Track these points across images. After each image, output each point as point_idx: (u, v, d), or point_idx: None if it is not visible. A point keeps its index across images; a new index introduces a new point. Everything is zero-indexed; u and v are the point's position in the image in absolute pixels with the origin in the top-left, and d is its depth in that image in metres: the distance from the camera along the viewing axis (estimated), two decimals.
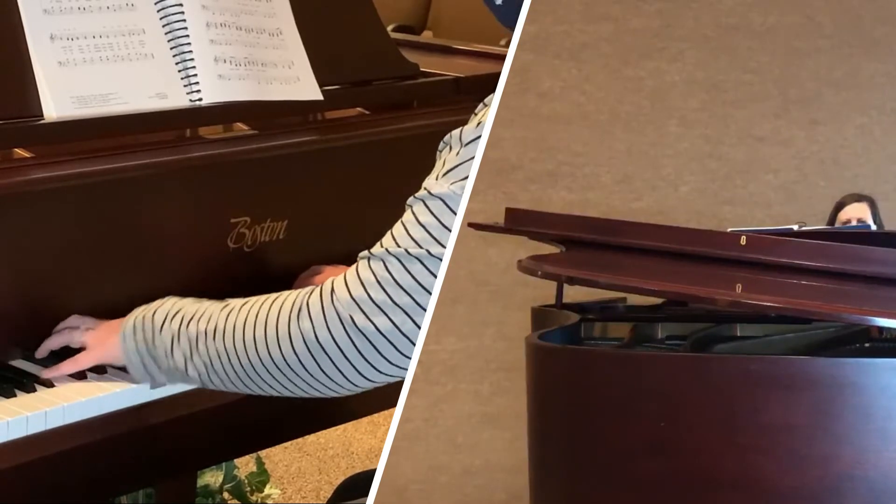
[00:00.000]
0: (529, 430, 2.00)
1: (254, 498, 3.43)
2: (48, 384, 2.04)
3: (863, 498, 1.70)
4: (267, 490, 3.46)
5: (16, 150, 2.13)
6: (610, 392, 1.84)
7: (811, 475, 1.71)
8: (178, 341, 1.96)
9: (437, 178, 1.92)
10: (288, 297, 1.92)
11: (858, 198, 2.82)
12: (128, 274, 2.20)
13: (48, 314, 2.13)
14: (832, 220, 2.80)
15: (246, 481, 3.42)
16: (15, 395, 2.01)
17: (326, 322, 1.88)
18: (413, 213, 1.91)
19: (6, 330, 2.09)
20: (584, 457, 1.87)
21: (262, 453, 3.56)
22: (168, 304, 2.01)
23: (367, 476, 1.98)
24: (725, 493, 1.75)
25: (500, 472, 2.98)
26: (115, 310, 2.19)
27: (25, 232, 2.07)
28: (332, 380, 1.91)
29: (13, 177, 2.07)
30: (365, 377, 1.91)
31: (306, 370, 1.91)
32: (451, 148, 1.94)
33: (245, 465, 3.50)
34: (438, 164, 1.94)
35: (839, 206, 2.81)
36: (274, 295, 1.96)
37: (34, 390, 2.03)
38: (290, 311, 1.90)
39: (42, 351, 2.10)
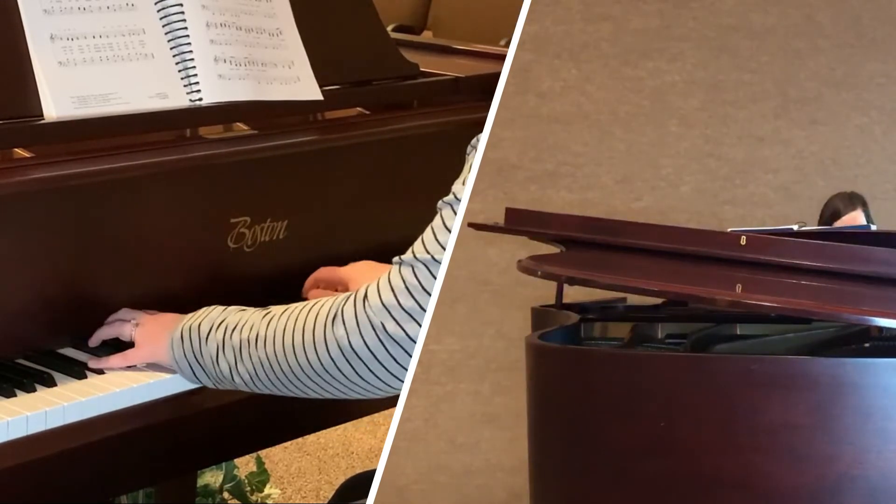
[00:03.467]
0: (529, 429, 2.00)
1: (254, 498, 3.43)
2: (50, 383, 2.04)
3: (863, 498, 1.70)
4: (267, 490, 3.46)
5: (16, 150, 2.13)
6: (610, 392, 1.84)
7: (811, 475, 1.71)
8: (224, 351, 2.02)
9: (463, 182, 1.95)
10: (325, 304, 1.97)
11: (850, 201, 2.81)
12: (128, 274, 2.20)
13: (48, 314, 2.13)
14: (826, 225, 2.80)
15: (246, 481, 3.42)
16: (15, 395, 2.01)
17: (359, 328, 1.92)
18: (441, 218, 1.94)
19: (6, 329, 2.09)
20: (583, 457, 1.87)
21: (262, 453, 3.56)
22: (214, 314, 2.06)
23: (369, 476, 1.99)
24: (725, 493, 1.75)
25: (500, 472, 2.98)
26: (116, 310, 2.19)
27: (25, 232, 2.07)
28: (369, 383, 1.96)
29: (13, 177, 2.07)
30: (399, 379, 1.95)
31: (343, 374, 1.95)
32: (477, 151, 1.97)
33: (245, 465, 3.50)
34: (466, 167, 1.96)
35: (834, 213, 2.80)
36: (312, 301, 2.00)
37: (34, 390, 2.03)
38: (326, 318, 1.95)
39: (94, 340, 2.15)
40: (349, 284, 2.33)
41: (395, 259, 1.96)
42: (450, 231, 1.93)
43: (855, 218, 2.78)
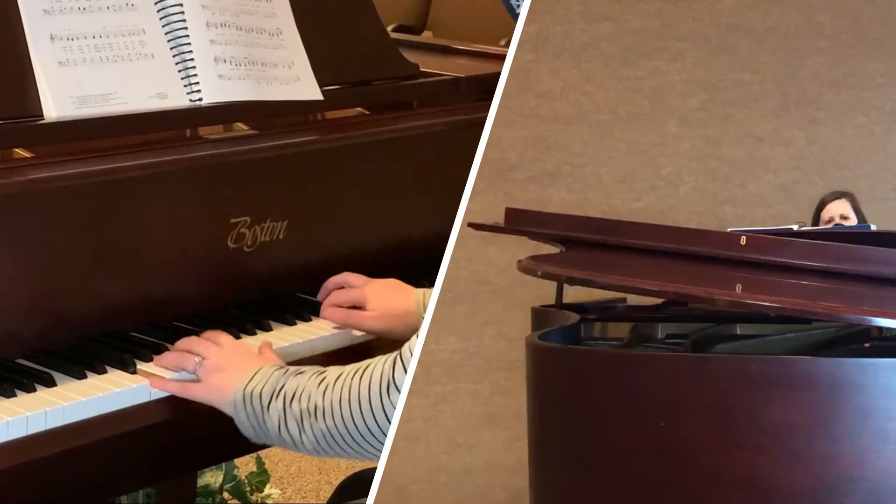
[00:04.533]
0: (529, 429, 2.00)
1: (254, 498, 3.43)
2: (50, 383, 2.05)
3: (862, 498, 1.70)
4: (267, 490, 3.46)
5: (16, 150, 2.12)
6: (610, 392, 1.84)
7: (811, 475, 1.71)
8: (286, 421, 2.02)
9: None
10: (374, 370, 1.98)
11: (838, 194, 2.82)
12: (128, 274, 2.20)
13: (48, 314, 2.13)
14: (816, 219, 2.81)
15: (246, 481, 3.42)
16: (15, 395, 2.01)
17: None
18: None
19: (6, 329, 2.09)
20: (583, 456, 1.87)
21: (262, 453, 3.56)
22: (273, 378, 2.04)
23: (369, 474, 1.99)
24: (725, 492, 1.75)
25: (500, 472, 2.98)
26: (115, 310, 2.19)
27: (25, 232, 2.07)
28: None
29: (13, 177, 2.07)
30: None
31: None
32: None
33: (245, 465, 3.50)
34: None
35: (821, 205, 2.81)
36: (362, 366, 2.00)
37: (34, 390, 2.03)
38: (380, 387, 1.96)
39: (160, 365, 2.11)
40: (367, 305, 2.31)
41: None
42: None
43: (840, 206, 2.78)
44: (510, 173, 3.33)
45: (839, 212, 2.78)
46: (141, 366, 2.10)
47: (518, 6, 2.04)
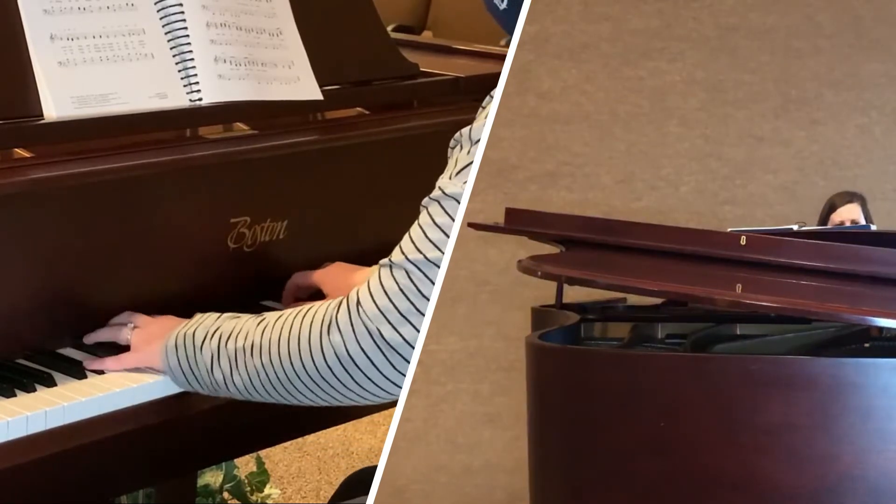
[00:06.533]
0: (529, 429, 2.00)
1: (254, 498, 3.43)
2: (50, 383, 2.04)
3: (863, 498, 1.70)
4: (267, 490, 3.46)
5: (16, 150, 2.13)
6: (610, 392, 1.84)
7: (811, 475, 1.71)
8: (219, 359, 2.01)
9: (450, 178, 1.93)
10: (318, 311, 1.96)
11: (849, 198, 2.82)
12: (128, 274, 2.20)
13: (48, 314, 2.13)
14: (824, 221, 2.80)
15: (246, 481, 3.42)
16: (15, 395, 2.01)
17: (355, 335, 1.91)
18: (429, 215, 1.92)
19: (6, 329, 2.09)
20: (583, 457, 1.87)
21: (262, 453, 3.56)
22: (208, 321, 2.05)
23: (373, 472, 1.99)
24: (725, 493, 1.75)
25: (500, 472, 2.98)
26: (115, 310, 2.19)
27: (25, 232, 2.07)
28: (366, 389, 1.95)
29: (13, 177, 2.07)
30: (397, 385, 1.94)
31: (339, 381, 1.94)
32: (461, 147, 1.95)
33: (245, 465, 3.50)
34: (451, 163, 1.95)
35: (831, 207, 2.81)
36: (305, 307, 1.99)
37: (34, 390, 2.03)
38: (321, 326, 1.94)
39: (90, 339, 2.16)
40: (322, 288, 2.33)
41: (384, 261, 1.93)
42: (440, 228, 1.91)
43: (851, 211, 2.78)
44: (510, 173, 3.33)
45: (850, 217, 2.77)
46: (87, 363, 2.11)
47: (502, 2, 2.03)
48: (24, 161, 2.11)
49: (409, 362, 1.92)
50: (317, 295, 2.35)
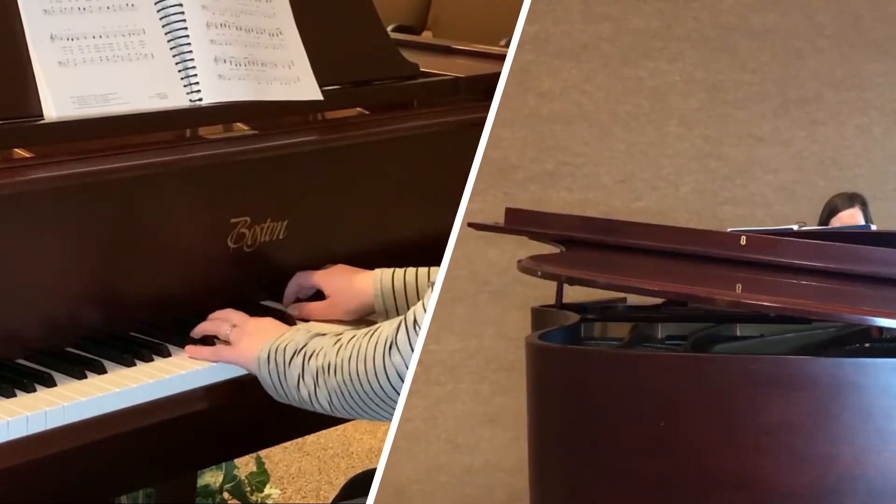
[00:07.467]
0: (529, 429, 2.00)
1: (254, 498, 3.43)
2: (50, 383, 2.05)
3: (863, 498, 1.70)
4: (267, 490, 3.46)
5: (16, 150, 2.12)
6: (610, 392, 1.84)
7: (811, 475, 1.71)
8: (304, 377, 2.08)
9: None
10: (383, 331, 2.03)
11: (850, 200, 2.82)
12: (128, 274, 2.20)
13: (48, 314, 2.13)
14: (825, 223, 2.80)
15: (246, 481, 3.42)
16: (15, 395, 2.01)
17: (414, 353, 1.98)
18: None
19: (6, 329, 2.09)
20: (583, 457, 1.87)
21: (262, 453, 3.56)
22: (299, 336, 2.11)
23: (374, 473, 2.02)
24: (725, 493, 1.75)
25: (500, 472, 2.98)
26: (115, 310, 2.19)
27: (25, 232, 2.07)
28: None
29: (13, 177, 2.07)
30: None
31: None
32: None
33: (245, 465, 3.50)
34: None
35: (832, 210, 2.81)
36: (373, 328, 2.06)
37: (34, 390, 2.03)
38: (384, 347, 2.01)
39: (196, 332, 2.21)
40: (323, 289, 2.35)
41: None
42: None
43: (853, 215, 2.78)
44: (510, 173, 3.33)
45: (851, 222, 2.78)
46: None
47: None
48: (24, 161, 2.11)
49: None
50: (318, 296, 2.36)
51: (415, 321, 1.98)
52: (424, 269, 2.30)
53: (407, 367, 1.98)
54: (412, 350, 1.98)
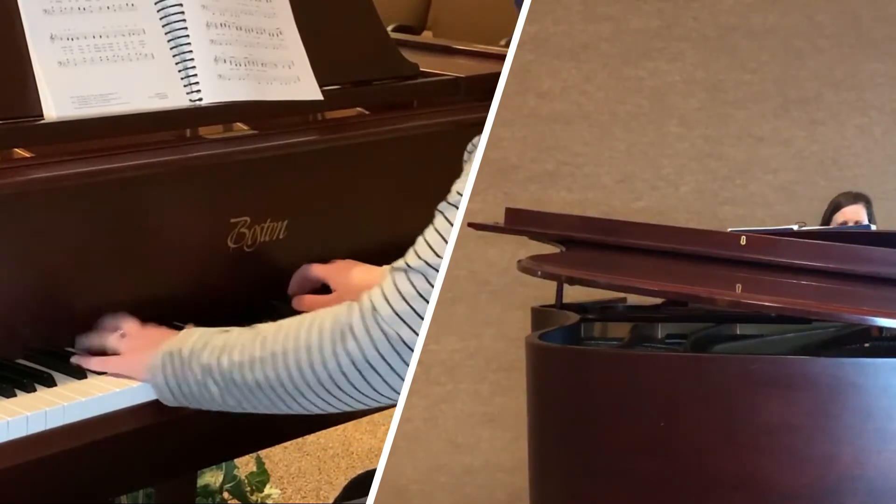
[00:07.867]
0: (529, 429, 2.00)
1: (254, 498, 3.43)
2: (50, 383, 2.05)
3: (863, 498, 1.70)
4: (267, 490, 3.46)
5: (16, 150, 2.13)
6: (610, 392, 1.84)
7: (811, 475, 1.71)
8: (212, 375, 2.00)
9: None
10: (325, 320, 1.95)
11: (854, 198, 2.82)
12: (127, 274, 2.20)
13: (47, 314, 2.13)
14: (828, 220, 2.80)
15: (246, 481, 3.42)
16: (15, 395, 2.01)
17: (373, 341, 1.91)
18: (446, 219, 1.93)
19: (6, 329, 2.09)
20: (583, 457, 1.87)
21: (262, 453, 3.56)
22: (194, 338, 2.04)
23: (374, 474, 2.00)
24: (725, 493, 1.75)
25: (500, 472, 2.98)
26: (115, 310, 2.19)
27: (25, 232, 2.07)
28: (380, 393, 1.95)
29: (13, 177, 2.07)
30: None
31: (353, 387, 1.94)
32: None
33: (245, 465, 3.50)
34: (466, 168, 1.95)
35: (835, 207, 2.81)
36: (307, 317, 1.98)
37: (34, 390, 2.03)
38: (333, 334, 1.93)
39: (78, 345, 2.14)
40: (328, 282, 2.34)
41: (399, 265, 1.94)
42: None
43: (856, 211, 2.78)
44: (510, 173, 3.33)
45: (854, 218, 2.78)
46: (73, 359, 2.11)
47: None
48: (24, 161, 2.11)
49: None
50: (322, 289, 2.35)
51: (373, 307, 1.91)
52: None
53: (364, 354, 1.91)
54: (371, 338, 1.91)
